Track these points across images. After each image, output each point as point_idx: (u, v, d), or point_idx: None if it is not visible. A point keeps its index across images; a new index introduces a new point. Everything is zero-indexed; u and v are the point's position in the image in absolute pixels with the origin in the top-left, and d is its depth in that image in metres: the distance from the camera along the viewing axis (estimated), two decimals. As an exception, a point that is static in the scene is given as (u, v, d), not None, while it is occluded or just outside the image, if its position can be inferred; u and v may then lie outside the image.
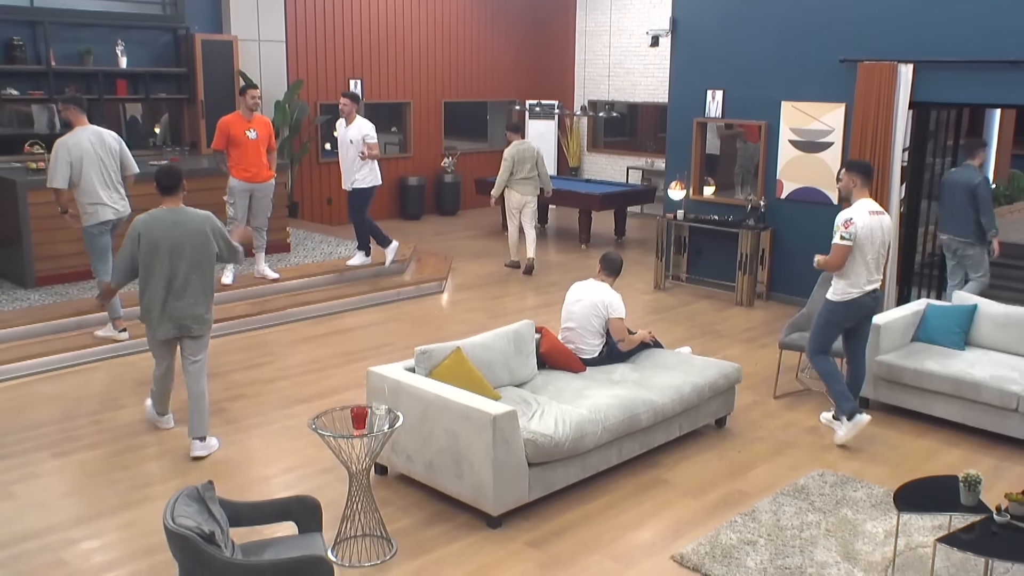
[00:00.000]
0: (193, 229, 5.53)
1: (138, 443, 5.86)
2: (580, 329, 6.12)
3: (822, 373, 6.16)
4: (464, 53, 14.94)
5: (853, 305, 5.95)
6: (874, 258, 5.87)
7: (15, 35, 10.28)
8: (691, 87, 9.94)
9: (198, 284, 5.58)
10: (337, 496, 4.93)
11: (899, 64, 8.24)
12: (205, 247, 5.56)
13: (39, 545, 4.60)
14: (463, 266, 11.07)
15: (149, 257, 5.46)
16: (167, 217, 5.51)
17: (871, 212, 5.88)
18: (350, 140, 9.43)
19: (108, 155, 7.25)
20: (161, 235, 5.45)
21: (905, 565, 4.47)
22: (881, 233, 5.88)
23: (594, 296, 6.11)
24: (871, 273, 5.89)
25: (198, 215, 5.59)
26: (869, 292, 5.93)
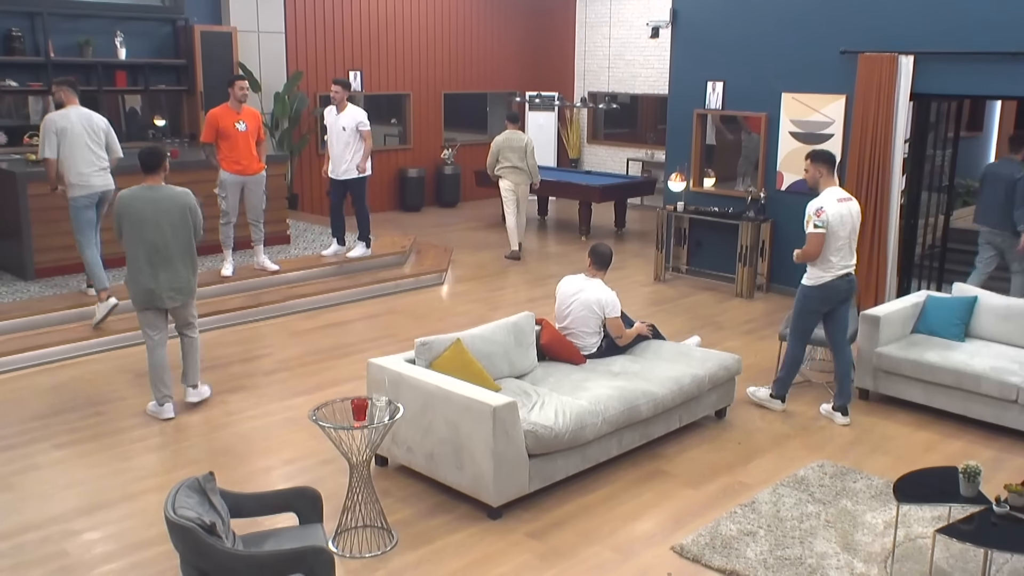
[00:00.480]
0: (171, 205, 5.90)
1: (139, 435, 5.87)
2: (577, 329, 6.11)
3: (790, 359, 6.36)
4: (464, 45, 14.91)
5: (827, 289, 6.10)
6: (846, 243, 6.04)
7: (14, 26, 10.25)
8: (691, 78, 9.92)
9: (179, 256, 5.94)
10: (338, 487, 4.94)
11: (900, 56, 8.22)
12: (183, 221, 5.93)
13: (40, 536, 4.61)
14: (463, 258, 11.07)
15: (131, 231, 5.86)
16: (146, 194, 5.88)
17: (839, 199, 6.04)
18: (342, 127, 9.35)
19: (93, 133, 7.61)
20: (141, 210, 5.83)
21: (904, 556, 4.48)
22: (851, 219, 6.05)
23: (589, 295, 6.06)
24: (844, 258, 6.06)
25: (176, 191, 5.96)
26: (842, 276, 6.08)
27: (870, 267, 8.59)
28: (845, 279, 6.11)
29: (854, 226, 6.10)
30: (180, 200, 5.93)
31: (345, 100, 9.36)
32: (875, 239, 8.53)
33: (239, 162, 8.61)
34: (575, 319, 6.10)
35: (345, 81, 9.63)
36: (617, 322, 6.10)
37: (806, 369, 7.20)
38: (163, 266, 5.89)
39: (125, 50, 10.97)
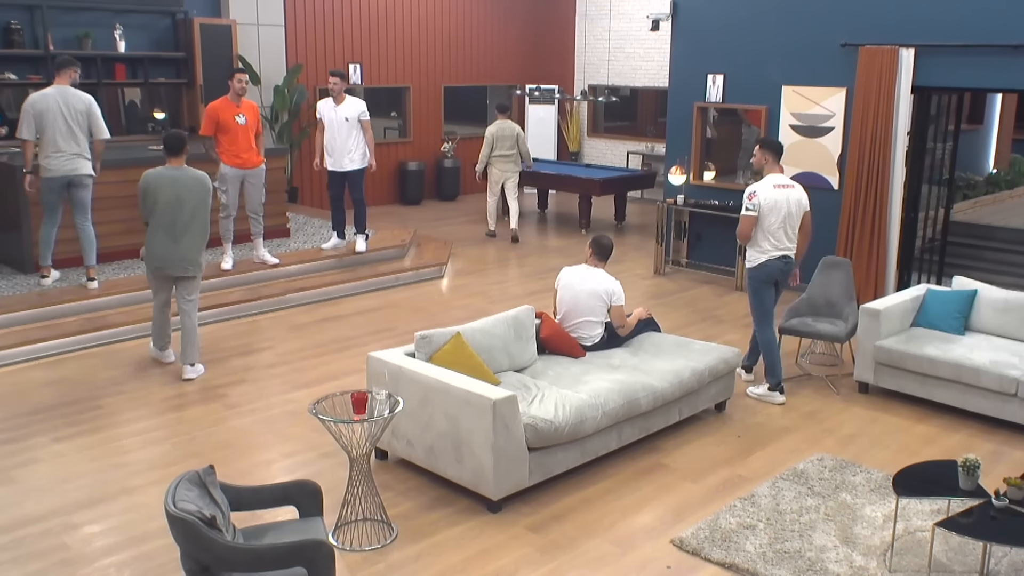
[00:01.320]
0: (191, 186, 6.51)
1: (139, 428, 5.88)
2: (583, 318, 6.08)
3: (763, 343, 6.56)
4: (464, 38, 14.89)
5: (765, 268, 6.45)
6: (780, 227, 6.36)
7: (13, 19, 10.24)
8: (692, 71, 9.91)
9: (193, 232, 6.54)
10: (338, 481, 4.94)
11: (901, 48, 8.21)
12: (203, 201, 6.54)
13: (41, 529, 4.62)
14: (463, 251, 11.06)
15: (153, 207, 6.46)
16: (170, 174, 6.50)
17: (776, 186, 6.37)
18: (344, 119, 9.36)
19: (72, 115, 7.64)
20: (163, 189, 6.44)
21: (904, 549, 4.49)
22: (787, 205, 6.35)
23: (596, 284, 6.04)
24: (779, 241, 6.39)
25: (197, 174, 6.57)
26: (778, 257, 6.42)
27: (870, 260, 8.59)
28: (781, 260, 6.42)
29: (790, 211, 6.35)
30: (200, 181, 6.54)
31: (343, 92, 9.35)
32: (875, 232, 8.53)
33: (239, 155, 8.60)
34: (581, 308, 6.06)
35: (342, 72, 9.67)
36: (622, 311, 6.10)
37: (805, 362, 7.21)
38: (179, 239, 6.48)
39: (124, 43, 10.95)
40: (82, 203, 7.90)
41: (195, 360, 6.77)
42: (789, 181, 6.49)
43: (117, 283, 8.26)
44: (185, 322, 6.73)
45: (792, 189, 6.41)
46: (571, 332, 6.06)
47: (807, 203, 6.51)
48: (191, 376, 6.73)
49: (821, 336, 6.78)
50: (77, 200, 7.89)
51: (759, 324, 6.56)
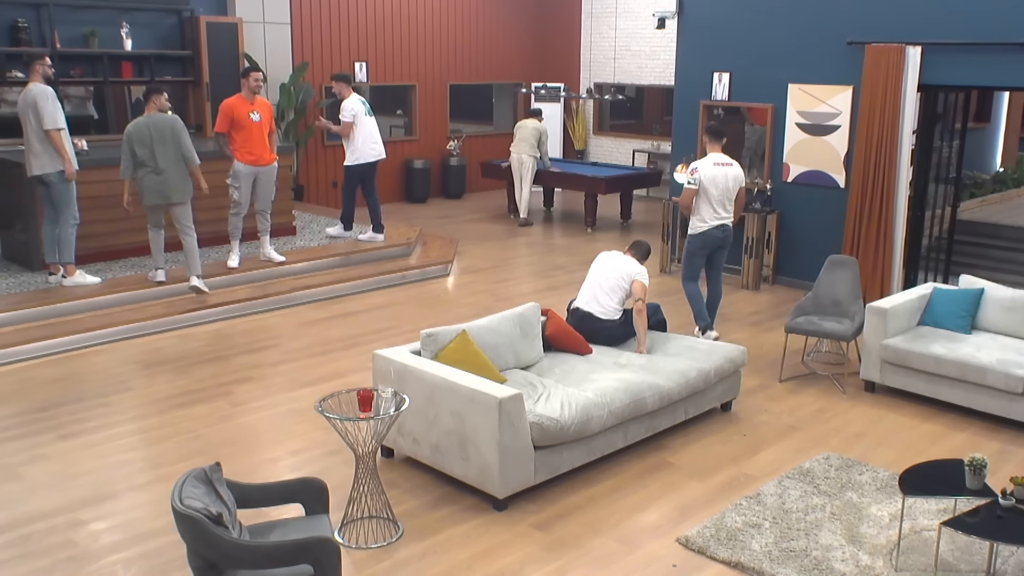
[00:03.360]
0: (164, 127, 7.93)
1: (145, 425, 5.89)
2: (606, 286, 6.26)
3: (689, 295, 7.53)
4: (470, 36, 14.88)
5: (705, 236, 7.36)
6: (718, 200, 7.27)
7: (19, 17, 10.25)
8: (698, 69, 9.89)
9: (173, 165, 7.93)
10: (344, 478, 4.95)
11: (907, 46, 8.18)
12: (174, 138, 7.92)
13: (48, 526, 4.63)
14: (469, 249, 11.07)
15: (138, 149, 7.84)
16: (146, 121, 7.93)
17: (715, 163, 7.29)
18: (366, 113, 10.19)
19: (29, 110, 7.77)
20: (143, 133, 7.86)
21: (910, 548, 4.48)
22: (724, 180, 7.26)
23: (627, 267, 6.35)
24: (717, 211, 7.30)
25: (167, 117, 8.02)
26: (717, 226, 7.33)
27: (876, 259, 8.57)
28: (720, 228, 7.34)
29: (727, 187, 7.28)
30: (170, 123, 7.96)
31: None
32: (881, 231, 8.51)
33: (253, 152, 8.64)
34: (610, 279, 6.27)
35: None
36: (642, 287, 6.25)
37: (811, 361, 7.20)
38: (163, 172, 7.86)
39: (131, 41, 10.96)
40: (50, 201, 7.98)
41: (199, 272, 8.11)
42: (728, 160, 7.38)
43: (123, 281, 8.28)
44: (188, 243, 8.07)
45: (732, 167, 7.34)
46: (590, 304, 6.26)
47: (743, 179, 7.46)
48: (197, 284, 8.03)
49: (827, 335, 6.77)
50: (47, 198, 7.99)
51: (686, 281, 7.53)
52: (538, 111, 12.87)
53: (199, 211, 9.20)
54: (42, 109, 7.69)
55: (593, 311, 6.19)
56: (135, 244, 8.87)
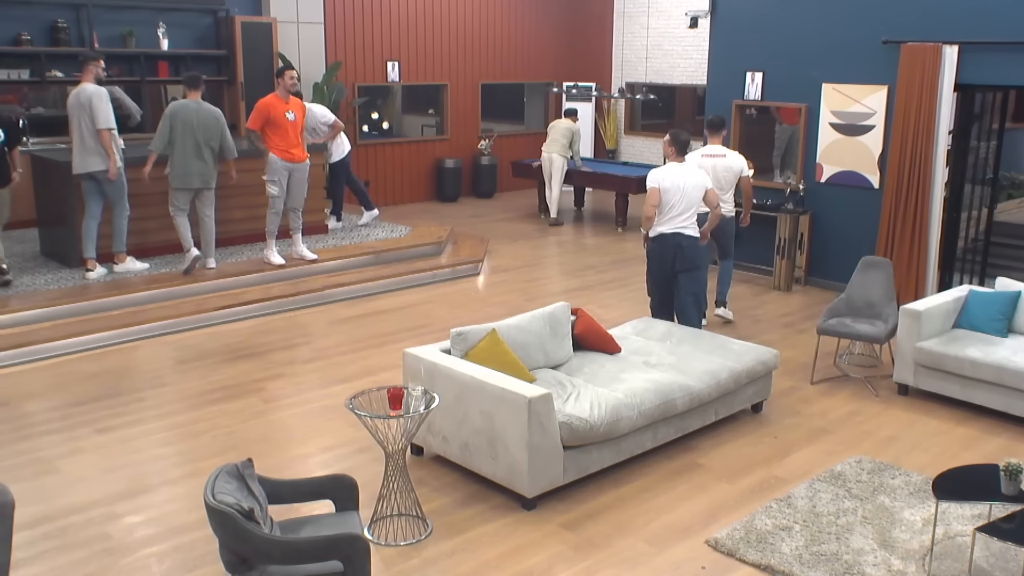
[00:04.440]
0: (207, 115, 8.39)
1: (180, 420, 5.97)
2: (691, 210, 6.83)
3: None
4: (501, 35, 14.90)
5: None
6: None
7: (60, 17, 10.44)
8: (730, 69, 9.84)
9: (208, 153, 8.36)
10: (373, 476, 4.99)
11: (944, 46, 8.09)
12: (215, 129, 8.39)
13: (84, 519, 4.71)
14: (499, 248, 11.09)
15: (176, 131, 8.25)
16: (190, 105, 8.37)
17: (704, 155, 7.82)
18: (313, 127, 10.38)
19: (84, 109, 8.05)
20: (184, 116, 8.27)
21: (943, 554, 4.43)
22: (713, 170, 7.66)
23: (698, 179, 6.86)
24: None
25: (212, 108, 8.47)
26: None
27: (911, 261, 8.48)
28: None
29: (715, 176, 7.66)
30: (213, 113, 8.44)
31: None
32: (916, 232, 8.42)
33: (288, 150, 8.77)
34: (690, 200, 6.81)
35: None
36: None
37: (843, 364, 7.14)
38: (197, 157, 8.29)
39: (167, 41, 11.11)
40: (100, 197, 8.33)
41: (211, 255, 8.70)
42: (722, 151, 7.90)
43: (158, 278, 8.39)
44: (208, 226, 8.64)
45: (722, 158, 7.84)
46: (677, 227, 6.82)
47: (742, 170, 7.88)
48: (212, 265, 8.68)
49: (860, 337, 6.71)
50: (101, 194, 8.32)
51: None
52: (573, 111, 12.87)
53: (235, 209, 9.34)
54: (97, 109, 8.00)
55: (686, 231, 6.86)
56: (170, 241, 8.99)
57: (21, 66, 10.23)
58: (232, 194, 9.31)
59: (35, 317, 7.42)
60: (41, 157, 9.04)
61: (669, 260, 6.91)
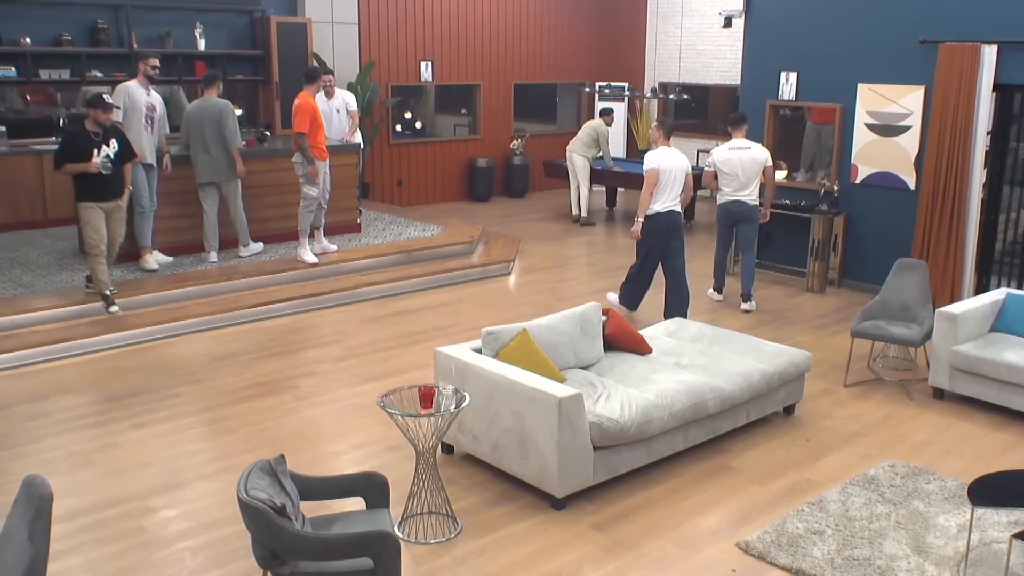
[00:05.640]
0: (211, 109, 8.65)
1: (213, 416, 6.04)
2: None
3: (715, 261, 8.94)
4: (534, 35, 14.90)
5: (723, 209, 8.50)
6: (733, 178, 8.34)
7: (99, 18, 10.60)
8: (764, 69, 9.77)
9: (215, 147, 8.65)
10: (404, 474, 5.01)
11: (982, 45, 7.97)
12: (219, 121, 8.60)
13: (120, 512, 4.78)
14: (530, 248, 11.09)
15: (192, 128, 8.66)
16: (201, 103, 8.73)
17: (730, 148, 8.38)
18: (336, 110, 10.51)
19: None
20: (194, 115, 8.69)
21: (978, 560, 4.38)
22: (740, 162, 8.30)
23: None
24: (733, 189, 8.38)
25: (219, 101, 8.71)
26: (732, 201, 8.41)
27: (947, 263, 8.37)
28: (735, 203, 8.41)
29: (743, 168, 8.32)
30: (218, 105, 8.65)
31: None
32: (953, 234, 8.31)
33: (323, 149, 8.95)
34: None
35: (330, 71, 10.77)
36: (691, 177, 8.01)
37: (877, 366, 7.06)
38: (204, 152, 8.64)
39: (204, 41, 11.24)
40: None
41: (248, 242, 9.06)
42: (747, 144, 8.39)
43: (192, 276, 8.49)
44: (238, 214, 8.96)
45: (747, 150, 8.32)
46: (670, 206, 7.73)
47: (765, 160, 8.37)
48: (245, 254, 9.02)
49: (895, 340, 6.64)
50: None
51: (717, 248, 8.80)
52: (607, 111, 12.84)
53: (267, 208, 9.45)
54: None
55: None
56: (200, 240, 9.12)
57: (62, 66, 10.40)
58: (264, 192, 9.43)
59: (72, 314, 7.54)
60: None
61: (667, 234, 7.81)
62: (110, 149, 7.30)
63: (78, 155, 7.20)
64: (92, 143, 7.22)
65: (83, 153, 7.19)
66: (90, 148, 7.21)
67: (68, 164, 7.24)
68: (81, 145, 7.21)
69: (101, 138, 7.26)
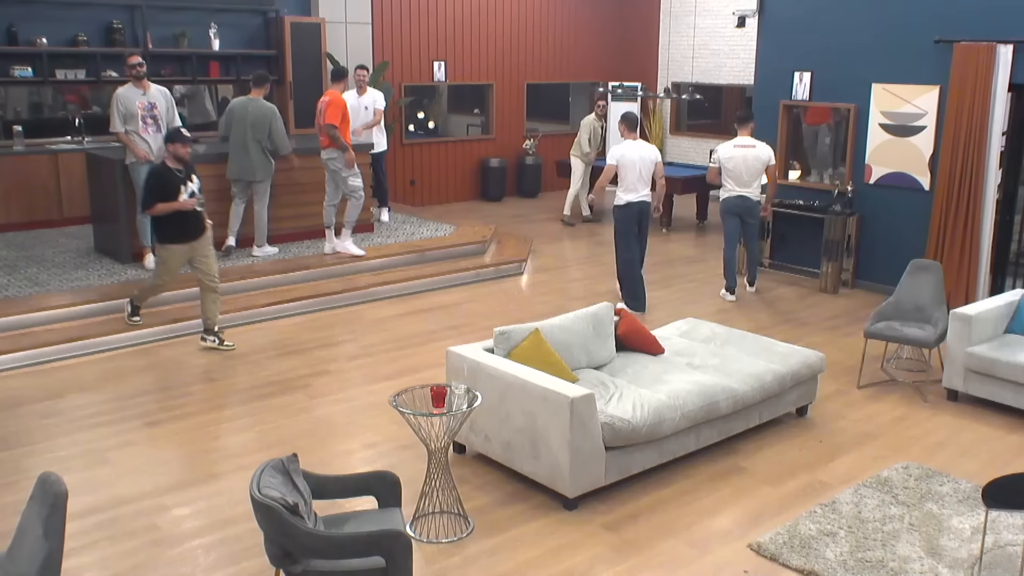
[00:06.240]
0: (256, 111, 8.78)
1: (227, 415, 6.07)
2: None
3: (724, 258, 8.98)
4: (547, 35, 14.90)
5: (726, 203, 8.79)
6: (737, 175, 8.65)
7: (115, 19, 10.66)
8: (778, 69, 9.74)
9: (255, 148, 8.76)
10: (416, 473, 5.02)
11: (998, 45, 7.93)
12: (264, 125, 8.76)
13: (133, 510, 4.81)
14: (542, 248, 11.09)
15: (233, 124, 8.79)
16: (245, 102, 8.85)
17: (735, 145, 8.65)
18: (365, 107, 10.58)
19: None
20: (237, 112, 8.79)
21: (993, 563, 4.35)
22: (744, 160, 8.60)
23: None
24: (736, 185, 8.69)
25: (265, 105, 8.87)
26: (736, 196, 8.69)
27: (961, 264, 8.32)
28: (739, 198, 8.71)
29: (747, 166, 8.61)
30: (263, 109, 8.81)
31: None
32: (968, 235, 8.27)
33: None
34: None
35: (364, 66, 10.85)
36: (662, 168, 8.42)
37: (891, 368, 7.03)
38: (245, 151, 8.75)
39: (219, 41, 11.29)
40: None
41: (263, 243, 9.13)
42: (751, 142, 8.65)
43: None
44: (260, 215, 9.07)
45: (752, 148, 8.61)
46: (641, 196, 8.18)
47: (769, 159, 8.64)
48: (258, 254, 9.08)
49: (909, 341, 6.61)
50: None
51: (725, 245, 8.95)
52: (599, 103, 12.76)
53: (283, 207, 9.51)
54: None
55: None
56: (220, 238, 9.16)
57: (78, 66, 10.47)
58: (280, 192, 9.47)
59: (88, 312, 7.59)
60: (95, 155, 9.25)
61: (635, 222, 8.29)
62: (194, 185, 6.94)
63: (167, 194, 6.79)
64: (178, 180, 6.84)
65: (172, 192, 6.80)
66: (177, 185, 6.82)
67: (160, 204, 6.80)
68: (170, 184, 6.81)
69: (184, 174, 6.90)
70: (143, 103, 8.36)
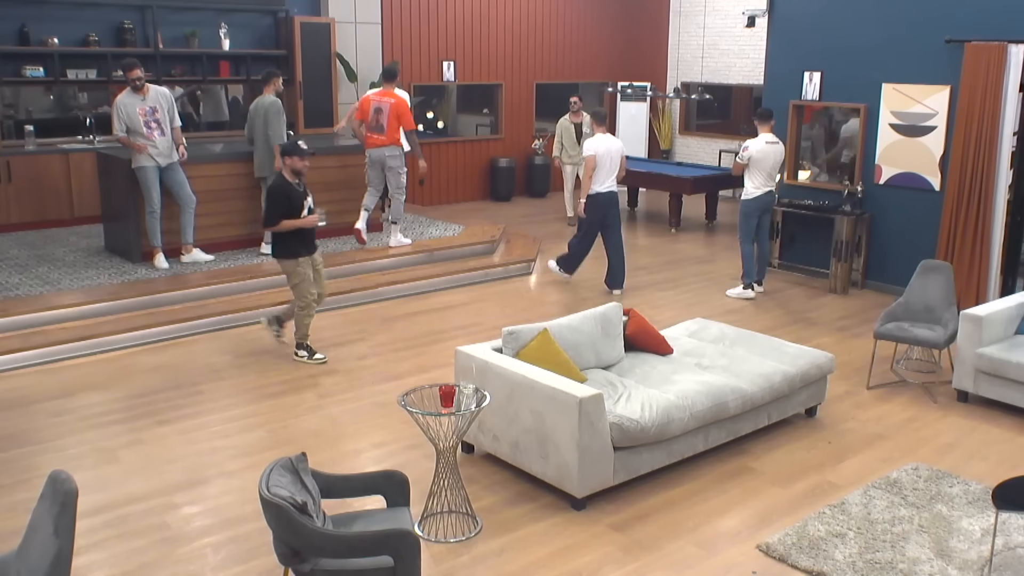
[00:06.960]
0: (259, 107, 8.95)
1: (237, 414, 6.09)
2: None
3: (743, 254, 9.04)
4: (556, 34, 14.90)
5: (758, 201, 8.85)
6: (767, 172, 8.78)
7: (126, 19, 10.71)
8: (788, 69, 9.72)
9: (261, 144, 8.95)
10: (424, 472, 5.03)
11: (1009, 45, 7.89)
12: (264, 119, 8.84)
13: (143, 508, 4.83)
14: (551, 248, 11.07)
15: (248, 123, 9.08)
16: (258, 100, 9.01)
17: (767, 142, 8.76)
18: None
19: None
20: (252, 111, 9.04)
21: (1003, 565, 4.34)
22: (774, 156, 8.79)
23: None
24: (766, 181, 8.81)
25: (267, 99, 8.93)
26: (766, 192, 8.86)
27: (972, 265, 8.29)
28: (768, 195, 8.89)
29: (776, 161, 8.83)
30: (264, 104, 8.90)
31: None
32: (978, 235, 8.23)
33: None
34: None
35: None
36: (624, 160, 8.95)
37: (901, 369, 7.01)
38: (256, 149, 9.01)
39: (228, 41, 11.32)
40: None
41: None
42: (775, 139, 8.85)
43: (219, 272, 8.55)
44: None
45: (776, 144, 8.81)
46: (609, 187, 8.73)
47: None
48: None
49: (919, 342, 6.58)
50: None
51: (743, 241, 8.99)
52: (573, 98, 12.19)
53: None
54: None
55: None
56: (232, 237, 9.21)
57: (89, 66, 10.51)
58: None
59: (98, 311, 7.62)
60: (105, 154, 9.28)
61: (606, 209, 8.80)
62: (311, 200, 6.81)
63: (293, 210, 6.64)
64: (300, 195, 6.69)
65: (297, 208, 6.66)
66: (301, 201, 6.69)
67: (286, 221, 6.64)
68: (295, 199, 6.65)
69: (303, 188, 6.74)
70: (144, 109, 8.42)
